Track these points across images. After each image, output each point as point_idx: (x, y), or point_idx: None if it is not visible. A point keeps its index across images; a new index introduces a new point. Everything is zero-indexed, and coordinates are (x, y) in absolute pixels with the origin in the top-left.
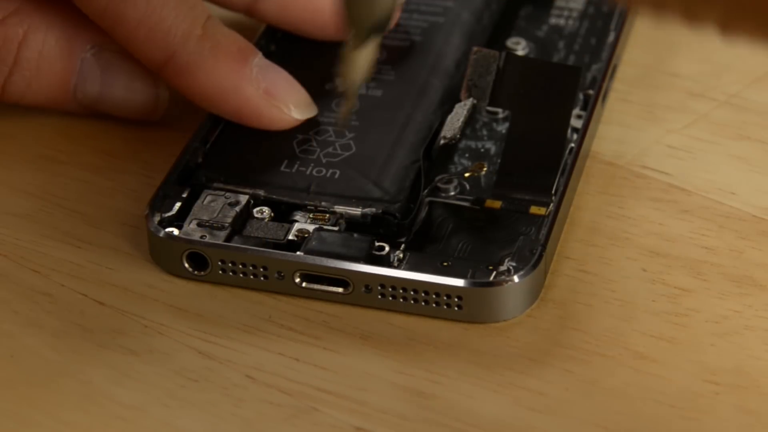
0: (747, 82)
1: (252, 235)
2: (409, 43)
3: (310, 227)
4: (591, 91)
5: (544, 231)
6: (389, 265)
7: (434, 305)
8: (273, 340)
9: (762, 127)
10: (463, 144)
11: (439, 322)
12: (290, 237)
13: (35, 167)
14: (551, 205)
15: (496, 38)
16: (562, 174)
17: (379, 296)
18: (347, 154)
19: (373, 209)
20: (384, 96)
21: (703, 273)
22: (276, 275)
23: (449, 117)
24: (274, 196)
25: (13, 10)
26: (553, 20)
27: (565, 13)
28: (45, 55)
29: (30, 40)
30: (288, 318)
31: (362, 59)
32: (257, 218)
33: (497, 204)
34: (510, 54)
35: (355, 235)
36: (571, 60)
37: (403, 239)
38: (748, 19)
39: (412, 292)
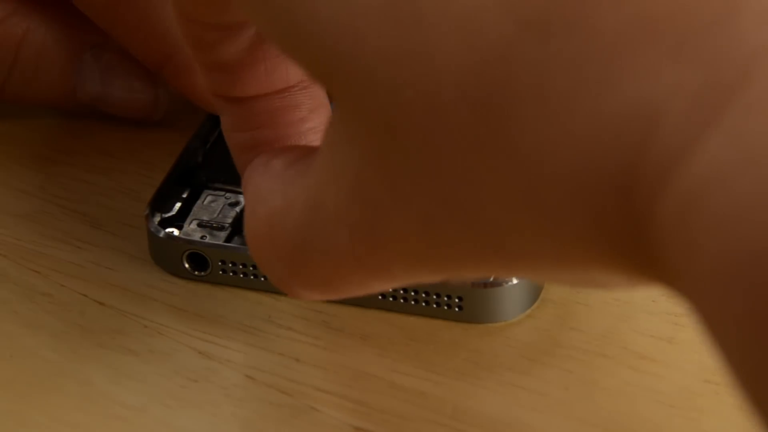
0: None
1: None
2: None
3: None
4: None
5: None
6: None
7: (434, 305)
8: (273, 340)
9: None
10: None
11: (439, 322)
12: None
13: (35, 167)
14: None
15: None
16: None
17: (379, 296)
18: None
19: None
20: None
21: None
22: None
23: None
24: None
25: (12, 10)
26: None
27: None
28: (44, 55)
29: (29, 40)
30: (288, 318)
31: None
32: None
33: None
34: None
35: None
36: None
37: None
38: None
39: (412, 293)
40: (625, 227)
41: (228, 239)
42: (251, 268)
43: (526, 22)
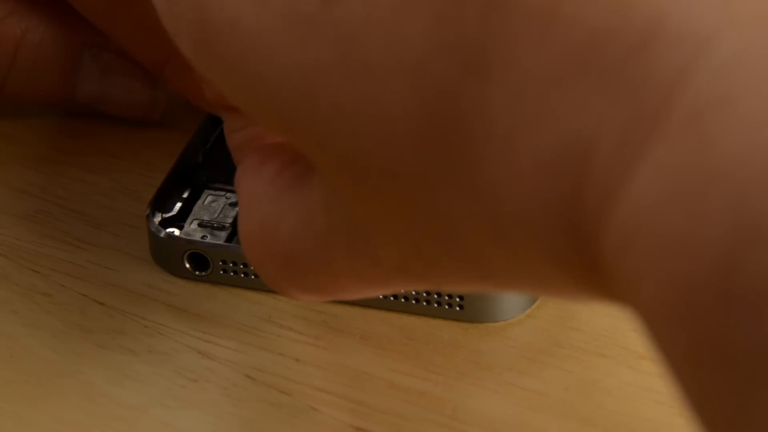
0: None
1: None
2: None
3: None
4: None
5: None
6: None
7: (434, 305)
8: (273, 340)
9: None
10: None
11: (439, 322)
12: None
13: (35, 167)
14: None
15: None
16: None
17: (379, 296)
18: None
19: None
20: None
21: None
22: None
23: None
24: None
25: (10, 10)
26: None
27: None
28: (43, 55)
29: (28, 40)
30: (288, 318)
31: None
32: None
33: None
34: None
35: None
36: None
37: None
38: None
39: (412, 292)
40: (581, 259)
41: (229, 239)
42: (252, 268)
43: (470, 64)
